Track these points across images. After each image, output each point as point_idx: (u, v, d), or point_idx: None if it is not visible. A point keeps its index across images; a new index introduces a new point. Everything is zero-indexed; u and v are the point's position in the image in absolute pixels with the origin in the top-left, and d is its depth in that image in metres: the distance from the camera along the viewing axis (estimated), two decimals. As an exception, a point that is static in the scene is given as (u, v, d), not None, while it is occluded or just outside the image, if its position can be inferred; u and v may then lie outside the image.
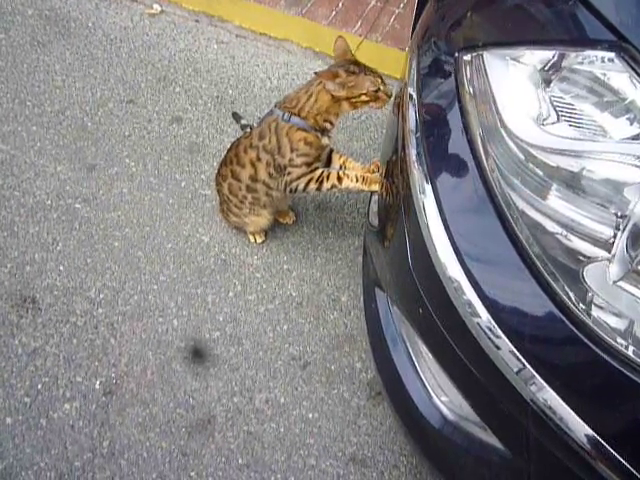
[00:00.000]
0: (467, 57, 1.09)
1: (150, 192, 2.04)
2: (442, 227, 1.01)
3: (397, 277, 1.24)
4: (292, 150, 1.56)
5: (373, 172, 1.64)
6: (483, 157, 1.00)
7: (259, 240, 1.91)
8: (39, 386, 1.66)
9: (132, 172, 2.09)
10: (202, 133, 2.21)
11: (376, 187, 1.56)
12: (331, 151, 1.69)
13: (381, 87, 1.52)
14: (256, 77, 2.40)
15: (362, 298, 1.80)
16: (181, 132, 2.21)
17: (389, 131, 1.49)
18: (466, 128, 1.03)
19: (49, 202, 2.01)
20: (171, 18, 2.61)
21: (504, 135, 0.98)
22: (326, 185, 1.61)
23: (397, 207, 1.20)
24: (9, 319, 1.77)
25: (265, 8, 2.62)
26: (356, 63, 1.54)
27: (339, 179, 1.61)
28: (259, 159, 1.61)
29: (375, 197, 1.53)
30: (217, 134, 2.20)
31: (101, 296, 1.82)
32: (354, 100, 1.53)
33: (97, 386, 1.66)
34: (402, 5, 2.62)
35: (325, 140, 1.61)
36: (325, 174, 1.61)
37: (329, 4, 2.64)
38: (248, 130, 1.62)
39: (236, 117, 1.98)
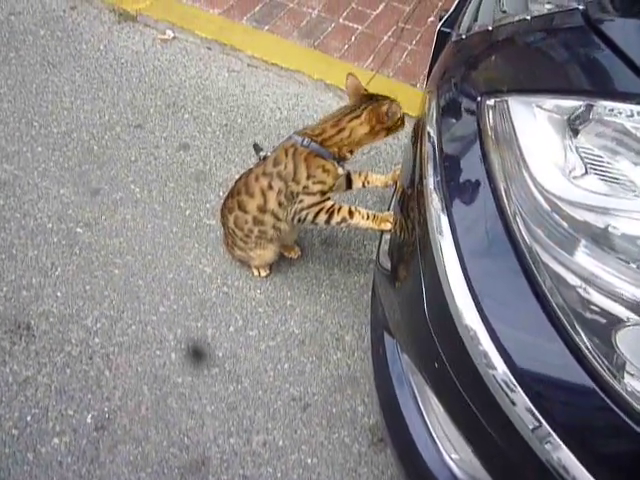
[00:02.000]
0: (490, 102, 1.06)
1: (154, 219, 2.00)
2: (460, 271, 0.96)
3: (409, 323, 1.19)
4: (309, 177, 1.53)
5: (397, 176, 1.62)
6: (506, 203, 0.97)
7: (263, 274, 1.86)
8: (28, 418, 1.59)
9: (136, 198, 2.05)
10: (209, 161, 2.18)
11: (387, 227, 1.52)
12: (348, 173, 1.66)
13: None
14: (266, 107, 2.38)
15: (367, 338, 1.76)
16: (188, 159, 2.18)
17: (405, 167, 1.46)
18: (488, 173, 0.99)
19: (50, 225, 1.97)
20: (183, 45, 2.61)
21: (530, 184, 0.95)
22: (336, 218, 1.57)
23: (412, 248, 1.16)
24: (1, 346, 1.71)
25: (277, 38, 2.63)
26: (376, 95, 1.55)
27: (350, 213, 1.57)
28: (271, 187, 1.57)
29: (386, 236, 1.49)
30: (224, 163, 2.17)
31: (98, 325, 1.76)
32: (392, 128, 1.56)
33: (89, 420, 1.60)
34: (415, 42, 2.63)
35: (340, 170, 1.58)
36: (336, 206, 1.58)
37: (342, 37, 2.64)
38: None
39: (257, 148, 1.89)
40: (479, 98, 1.08)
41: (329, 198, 1.59)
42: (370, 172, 1.74)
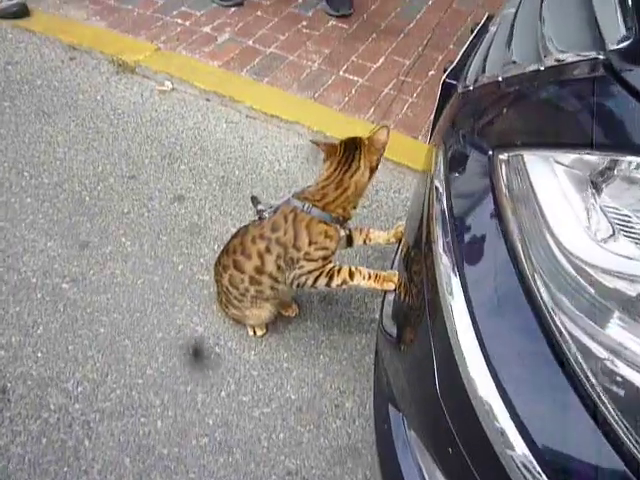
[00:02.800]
0: (503, 156, 0.98)
1: (144, 275, 1.90)
2: (473, 337, 0.86)
3: (417, 395, 1.07)
4: (310, 243, 1.44)
5: (400, 234, 1.56)
6: (524, 265, 0.87)
7: (259, 333, 1.75)
8: (-3, 494, 1.45)
9: (127, 252, 1.96)
10: (204, 214, 2.10)
11: (390, 287, 1.42)
12: (349, 230, 1.58)
13: None
14: (264, 159, 2.33)
15: (370, 405, 1.63)
16: (182, 212, 2.10)
17: (409, 224, 1.37)
18: (503, 232, 0.91)
19: (34, 280, 1.87)
20: (181, 96, 2.58)
21: (551, 245, 0.86)
22: (336, 280, 1.48)
23: (419, 311, 1.06)
24: (-27, 411, 1.58)
25: (277, 90, 2.60)
26: (347, 140, 1.51)
27: (350, 274, 1.48)
28: (269, 251, 1.48)
29: (389, 297, 1.39)
30: (220, 216, 2.09)
31: (79, 389, 1.63)
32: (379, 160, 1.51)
33: (63, 497, 1.45)
34: (415, 94, 2.60)
35: (343, 232, 1.50)
36: (336, 268, 1.48)
37: (342, 90, 2.62)
38: (264, 215, 1.51)
39: (254, 201, 1.77)
40: (490, 152, 1.01)
41: (330, 262, 1.50)
42: (371, 229, 1.65)
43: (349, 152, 1.47)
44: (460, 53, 1.54)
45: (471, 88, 1.22)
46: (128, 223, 2.05)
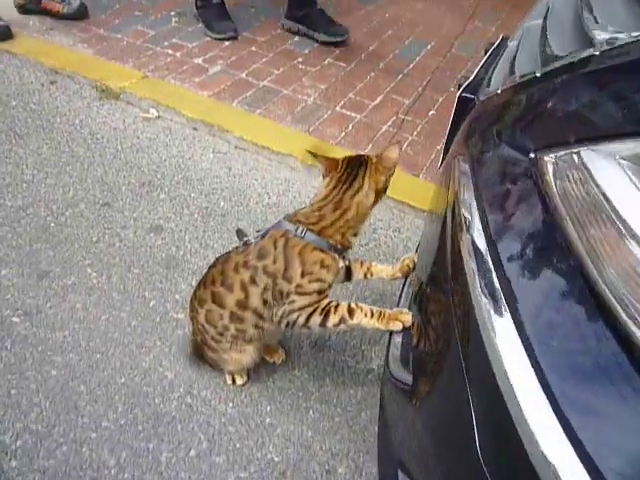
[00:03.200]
0: (550, 157, 0.80)
1: (109, 310, 1.66)
2: (534, 381, 0.64)
3: (443, 457, 0.83)
4: (304, 274, 1.23)
5: (407, 267, 1.37)
6: (604, 289, 0.66)
7: (239, 382, 1.50)
8: None
9: (92, 284, 1.72)
10: (183, 246, 1.88)
11: (398, 326, 1.20)
12: (348, 262, 1.37)
13: None
14: (253, 191, 2.14)
15: (366, 473, 1.37)
16: (159, 243, 1.88)
17: (424, 259, 1.17)
18: (566, 246, 0.71)
19: (-19, 312, 1.62)
20: (167, 124, 2.41)
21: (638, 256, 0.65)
22: (332, 319, 1.25)
23: (445, 354, 0.85)
24: None
25: (269, 122, 2.45)
26: (353, 157, 1.33)
27: (350, 312, 1.26)
28: (254, 282, 1.26)
29: (398, 338, 1.17)
30: (201, 249, 1.88)
31: (18, 443, 1.36)
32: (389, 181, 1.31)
33: None
34: (415, 133, 2.46)
35: (341, 263, 1.29)
36: (333, 304, 1.26)
37: (338, 125, 2.47)
38: (250, 240, 1.31)
39: (240, 234, 1.42)
40: (533, 155, 0.82)
41: (326, 296, 1.28)
42: (373, 262, 1.45)
43: (352, 169, 1.28)
44: (476, 70, 1.40)
45: (499, 91, 1.05)
46: (96, 253, 1.82)
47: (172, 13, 3.15)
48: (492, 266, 0.77)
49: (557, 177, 0.78)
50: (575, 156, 0.76)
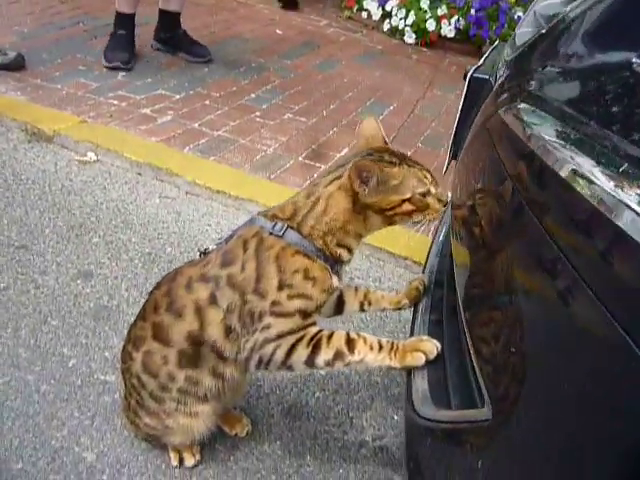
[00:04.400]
0: None
1: (11, 371, 1.24)
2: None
3: None
4: (281, 286, 0.89)
5: (417, 291, 1.04)
6: None
7: (189, 462, 1.10)
8: None
9: (-8, 339, 1.31)
10: (119, 295, 1.51)
11: (419, 361, 0.87)
12: (340, 291, 1.03)
13: (432, 188, 0.93)
14: (206, 237, 1.82)
15: None
16: (87, 291, 1.50)
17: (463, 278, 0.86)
18: None
19: None
20: (107, 167, 2.09)
21: None
22: (325, 354, 0.91)
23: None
24: None
25: (225, 167, 2.18)
26: (392, 151, 0.97)
27: (349, 343, 0.91)
28: (213, 302, 0.92)
29: (421, 373, 0.83)
30: (141, 297, 1.50)
31: None
32: (391, 212, 0.92)
33: None
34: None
35: (336, 280, 0.95)
36: (325, 334, 0.92)
37: (302, 174, 2.22)
38: (211, 249, 0.97)
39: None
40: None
41: (314, 322, 0.94)
42: (371, 289, 1.12)
43: (343, 160, 0.98)
44: (484, 56, 1.20)
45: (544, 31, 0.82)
46: (3, 301, 1.42)
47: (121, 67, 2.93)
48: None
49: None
50: None
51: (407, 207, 0.91)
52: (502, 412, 0.55)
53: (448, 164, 1.30)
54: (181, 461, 1.10)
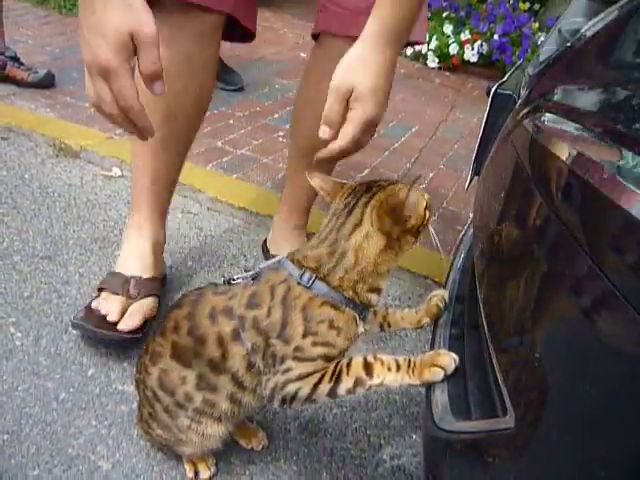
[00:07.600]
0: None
1: (31, 378, 1.25)
2: None
3: None
4: (305, 334, 0.87)
5: (437, 308, 1.01)
6: None
7: (204, 474, 1.08)
8: None
9: (13, 346, 1.32)
10: (139, 307, 1.51)
11: (437, 376, 0.85)
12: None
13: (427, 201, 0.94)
14: (227, 252, 1.83)
15: None
16: (108, 302, 1.51)
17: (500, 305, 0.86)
18: None
19: None
20: (131, 183, 2.12)
21: None
22: (345, 383, 0.89)
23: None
24: None
25: (248, 184, 2.20)
26: (361, 184, 0.95)
27: (367, 368, 0.89)
28: (237, 338, 0.91)
29: (442, 386, 0.81)
30: (161, 310, 1.51)
31: None
32: (418, 228, 0.91)
33: None
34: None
35: (361, 327, 0.93)
36: (343, 363, 0.90)
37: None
38: (237, 280, 0.96)
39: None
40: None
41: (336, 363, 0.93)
42: (390, 309, 1.10)
43: (353, 198, 0.93)
44: (509, 73, 1.21)
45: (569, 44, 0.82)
46: (25, 310, 1.43)
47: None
48: None
49: None
50: None
51: (427, 213, 0.92)
52: (525, 419, 0.54)
53: (471, 180, 1.30)
54: (196, 474, 1.09)
